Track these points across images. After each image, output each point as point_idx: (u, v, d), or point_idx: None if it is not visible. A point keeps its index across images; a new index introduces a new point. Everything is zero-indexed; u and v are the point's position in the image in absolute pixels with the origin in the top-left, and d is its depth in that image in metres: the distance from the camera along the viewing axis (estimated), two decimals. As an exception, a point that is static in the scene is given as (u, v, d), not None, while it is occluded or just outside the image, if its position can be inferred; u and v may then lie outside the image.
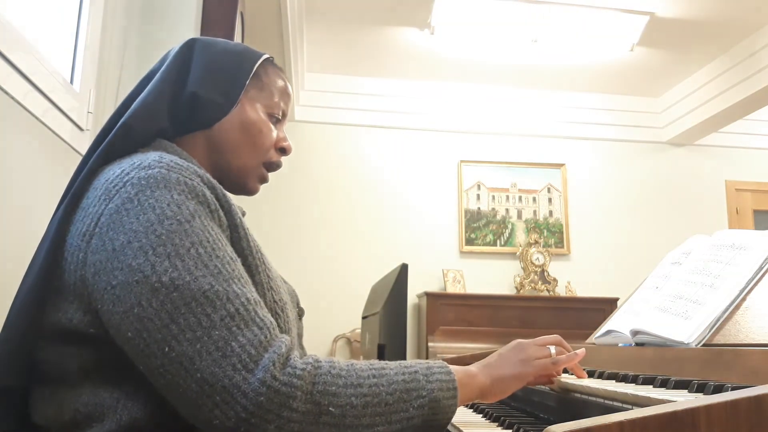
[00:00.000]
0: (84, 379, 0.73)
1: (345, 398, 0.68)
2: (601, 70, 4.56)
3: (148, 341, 0.67)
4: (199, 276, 0.69)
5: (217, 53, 0.93)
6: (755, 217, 4.98)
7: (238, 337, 0.67)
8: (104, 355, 0.73)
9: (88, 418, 0.72)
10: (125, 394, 0.72)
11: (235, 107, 0.92)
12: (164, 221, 0.70)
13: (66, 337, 0.74)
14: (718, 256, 1.02)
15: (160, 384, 0.68)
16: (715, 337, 0.91)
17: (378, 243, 4.57)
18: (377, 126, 4.77)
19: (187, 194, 0.74)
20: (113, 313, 0.69)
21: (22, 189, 1.40)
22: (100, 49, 1.87)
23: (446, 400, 0.75)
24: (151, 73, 0.93)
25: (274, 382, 0.65)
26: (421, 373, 0.75)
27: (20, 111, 1.37)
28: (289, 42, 3.63)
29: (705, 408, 0.51)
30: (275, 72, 0.99)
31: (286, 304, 0.84)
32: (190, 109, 0.90)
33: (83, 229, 0.74)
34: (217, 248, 0.72)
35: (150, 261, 0.68)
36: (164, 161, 0.76)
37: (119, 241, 0.70)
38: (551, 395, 0.96)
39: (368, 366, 0.73)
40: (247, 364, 0.65)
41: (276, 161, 0.98)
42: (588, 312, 4.15)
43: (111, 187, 0.74)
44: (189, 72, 0.91)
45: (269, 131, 0.96)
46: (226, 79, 0.92)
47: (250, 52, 0.97)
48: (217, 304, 0.68)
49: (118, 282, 0.69)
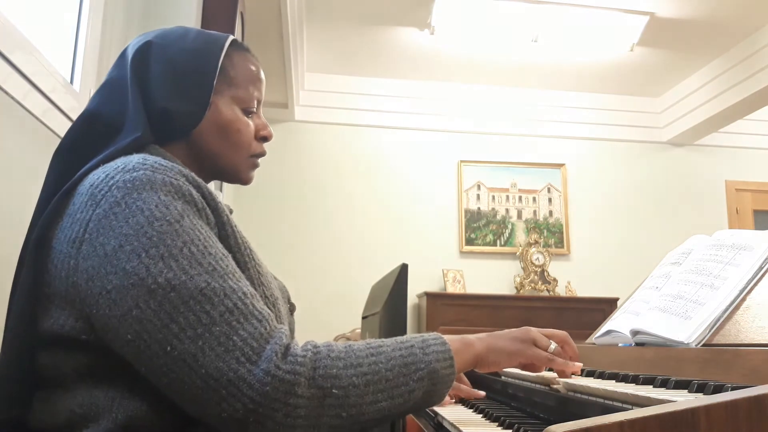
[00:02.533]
0: (78, 381, 0.74)
1: (346, 379, 0.69)
2: (601, 70, 4.56)
3: (149, 342, 0.67)
4: (195, 274, 0.69)
5: (175, 56, 0.88)
6: (755, 217, 4.99)
7: (239, 331, 0.68)
8: (97, 359, 0.73)
9: (83, 418, 0.72)
10: (120, 393, 0.72)
11: (208, 110, 0.89)
12: (154, 223, 0.70)
13: (58, 343, 0.74)
14: (718, 256, 1.02)
15: (163, 383, 0.68)
16: (715, 337, 0.91)
17: (378, 243, 4.57)
18: (377, 126, 4.77)
19: (174, 194, 0.74)
20: (110, 317, 0.69)
21: (22, 189, 1.40)
22: (100, 49, 1.87)
23: (444, 369, 0.77)
24: (108, 82, 0.89)
25: (278, 372, 0.66)
26: (417, 346, 0.77)
27: (20, 111, 1.37)
28: (289, 42, 3.63)
29: (705, 408, 0.51)
30: (242, 58, 0.94)
31: (278, 299, 0.85)
32: (164, 122, 0.87)
33: (72, 236, 0.74)
34: (209, 245, 0.73)
35: (144, 263, 0.68)
36: (148, 163, 0.75)
37: (111, 246, 0.70)
38: (551, 395, 0.96)
39: (366, 345, 0.75)
40: (250, 357, 0.66)
41: (260, 151, 0.97)
42: (588, 312, 4.15)
43: (96, 192, 0.74)
44: (150, 83, 0.87)
45: (246, 127, 0.94)
46: (192, 86, 0.88)
47: (210, 45, 0.91)
48: (215, 300, 0.68)
49: (113, 286, 0.69)
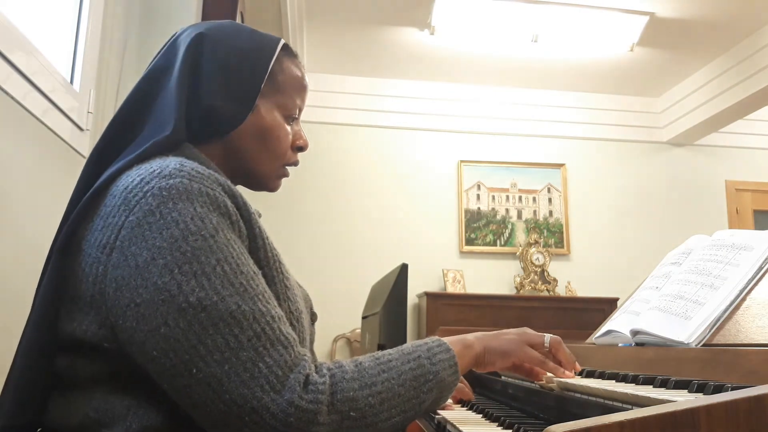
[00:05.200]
0: (95, 386, 0.73)
1: (363, 400, 0.70)
2: (601, 70, 4.56)
3: (175, 361, 0.66)
4: (226, 296, 0.68)
5: (229, 53, 0.88)
6: (755, 217, 4.98)
7: (264, 357, 0.67)
8: (117, 367, 0.73)
9: (97, 423, 0.72)
10: (137, 402, 0.71)
11: (251, 113, 0.89)
12: (188, 237, 0.69)
13: (78, 347, 0.74)
14: (718, 256, 1.02)
15: (185, 402, 0.68)
16: (715, 337, 0.91)
17: (378, 243, 4.57)
18: (377, 126, 4.77)
19: (210, 206, 0.72)
20: (137, 330, 0.68)
21: (22, 189, 1.40)
22: (100, 49, 1.87)
23: (450, 377, 0.79)
24: (156, 70, 0.88)
25: (301, 402, 0.66)
26: (424, 357, 0.78)
27: (20, 111, 1.37)
28: (289, 42, 3.63)
29: (705, 408, 0.51)
30: (291, 64, 0.94)
31: (302, 312, 0.84)
32: (206, 119, 0.87)
33: (103, 241, 0.72)
34: (241, 263, 0.72)
35: (176, 280, 0.67)
36: (185, 170, 0.74)
37: (143, 258, 0.69)
38: (551, 395, 0.96)
39: (375, 362, 0.75)
40: (274, 386, 0.66)
41: (294, 161, 0.97)
42: (588, 312, 4.15)
43: (131, 197, 0.72)
44: (201, 77, 0.86)
45: (286, 135, 0.93)
46: (240, 85, 0.88)
47: (262, 46, 0.91)
48: (244, 324, 0.68)
49: (142, 300, 0.68)
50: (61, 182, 1.62)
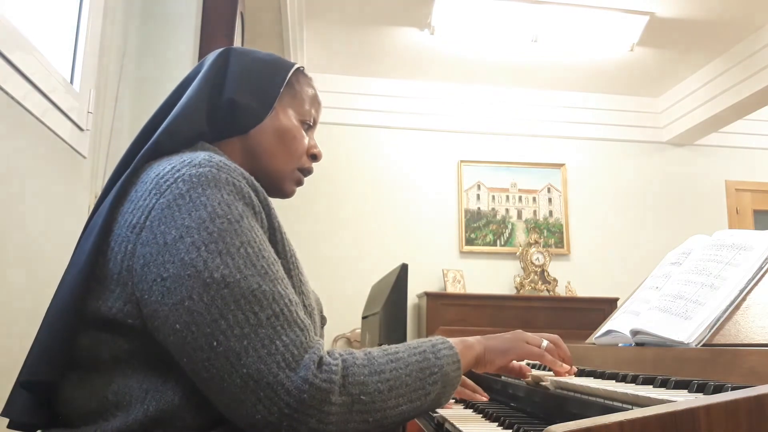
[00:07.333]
0: (114, 368, 0.76)
1: (372, 385, 0.73)
2: (601, 70, 4.56)
3: (197, 334, 0.69)
4: (248, 275, 0.72)
5: (252, 62, 0.97)
6: (755, 217, 4.99)
7: (282, 336, 0.70)
8: (137, 346, 0.75)
9: (114, 406, 0.74)
10: (154, 386, 0.74)
11: (270, 114, 0.96)
12: (216, 219, 0.73)
13: (102, 325, 0.76)
14: (718, 256, 1.02)
15: (201, 377, 0.70)
16: (715, 337, 0.91)
17: (378, 243, 4.57)
18: (377, 126, 4.77)
19: (236, 195, 0.77)
20: (162, 304, 0.71)
21: (22, 189, 1.40)
22: (100, 49, 1.87)
23: (453, 372, 0.83)
24: (187, 80, 0.96)
25: (315, 380, 0.69)
26: (429, 351, 0.81)
27: (20, 111, 1.37)
28: (289, 42, 3.63)
29: (705, 408, 0.51)
30: (306, 81, 1.03)
31: (314, 310, 0.88)
32: (228, 115, 0.93)
33: (133, 221, 0.76)
34: (263, 249, 0.76)
35: (202, 256, 0.71)
36: (214, 161, 0.79)
37: (171, 236, 0.72)
38: (552, 395, 0.96)
39: (383, 352, 0.78)
40: (290, 363, 0.69)
41: (308, 167, 1.03)
42: (588, 312, 4.15)
43: (162, 182, 0.77)
44: (225, 78, 0.94)
45: (302, 138, 1.00)
46: (261, 87, 0.96)
47: (282, 62, 1.00)
48: (264, 303, 0.71)
49: (169, 275, 0.71)
50: (61, 182, 1.62)
